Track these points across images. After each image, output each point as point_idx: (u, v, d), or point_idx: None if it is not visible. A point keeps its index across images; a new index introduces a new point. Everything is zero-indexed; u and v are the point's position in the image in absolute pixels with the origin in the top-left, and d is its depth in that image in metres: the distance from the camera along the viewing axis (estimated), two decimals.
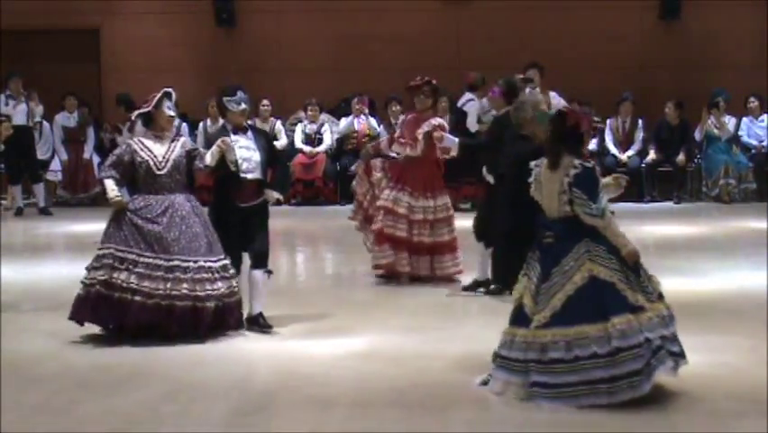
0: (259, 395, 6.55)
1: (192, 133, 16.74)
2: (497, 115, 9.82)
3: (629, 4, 17.51)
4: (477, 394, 6.43)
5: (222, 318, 7.73)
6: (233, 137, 8.04)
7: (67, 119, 16.70)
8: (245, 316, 7.96)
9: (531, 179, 6.61)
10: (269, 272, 8.23)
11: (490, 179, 9.36)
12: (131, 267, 7.62)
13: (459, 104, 15.35)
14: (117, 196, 7.81)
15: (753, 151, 16.58)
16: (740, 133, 16.60)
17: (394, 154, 10.28)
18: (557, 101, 14.71)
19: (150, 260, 7.64)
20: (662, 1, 17.54)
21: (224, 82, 16.96)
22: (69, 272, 10.76)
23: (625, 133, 16.62)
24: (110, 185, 7.84)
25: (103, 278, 7.63)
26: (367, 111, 16.41)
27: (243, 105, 8.13)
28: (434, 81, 10.06)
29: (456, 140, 9.74)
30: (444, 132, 9.75)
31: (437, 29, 17.66)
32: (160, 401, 6.33)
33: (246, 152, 8.05)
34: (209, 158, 7.96)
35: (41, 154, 16.08)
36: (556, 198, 6.38)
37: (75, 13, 17.73)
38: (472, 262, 9.67)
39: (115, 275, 7.61)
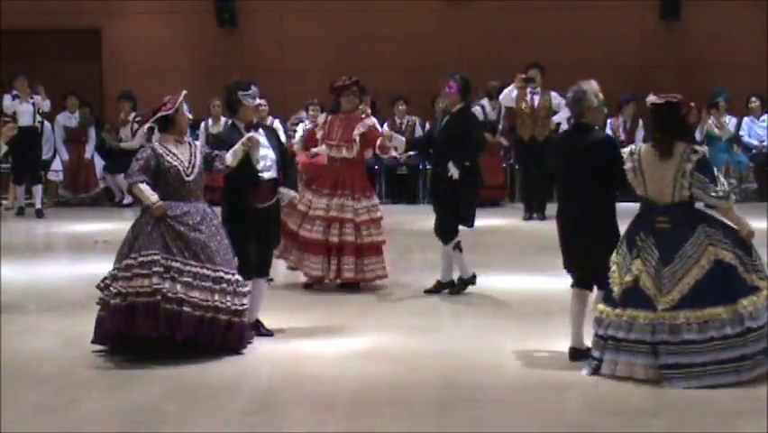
0: (259, 395, 6.55)
1: (193, 134, 16.74)
2: (452, 112, 9.47)
3: (630, 5, 17.51)
4: (477, 394, 6.44)
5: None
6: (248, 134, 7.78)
7: (68, 119, 16.69)
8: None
9: (627, 167, 6.83)
10: (270, 280, 8.23)
11: (455, 172, 9.20)
12: (176, 276, 7.16)
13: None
14: (159, 201, 7.29)
15: (753, 151, 16.58)
16: (741, 132, 16.60)
17: (317, 153, 10.04)
18: (557, 101, 14.74)
19: (198, 269, 7.23)
20: (662, 1, 17.52)
21: (225, 82, 17.06)
22: (70, 272, 10.81)
23: (626, 133, 16.62)
24: (147, 190, 7.34)
25: (156, 287, 7.10)
26: (369, 111, 16.39)
27: (258, 101, 8.00)
28: (359, 81, 9.89)
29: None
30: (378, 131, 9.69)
31: (438, 29, 17.65)
32: (160, 401, 6.33)
33: (262, 151, 7.82)
34: (231, 157, 7.60)
35: (43, 154, 16.07)
36: (670, 184, 6.66)
37: (76, 13, 17.73)
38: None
39: (164, 284, 7.12)
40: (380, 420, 6.01)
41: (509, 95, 14.38)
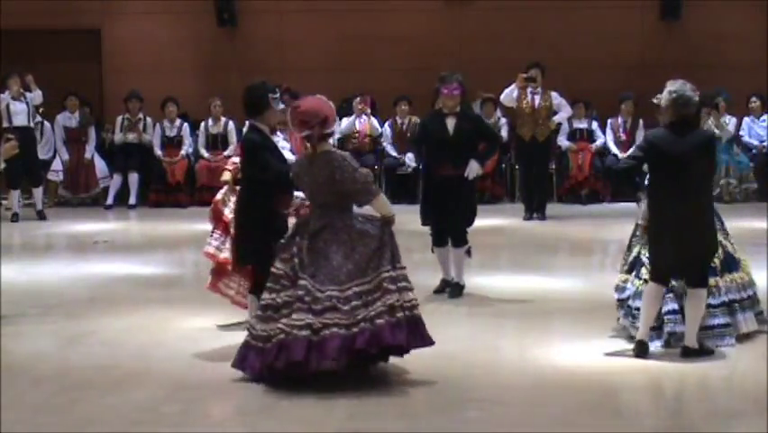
0: (259, 395, 6.55)
1: (193, 133, 16.77)
2: (458, 113, 9.35)
3: (630, 4, 17.51)
4: (477, 394, 6.44)
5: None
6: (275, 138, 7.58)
7: (68, 119, 16.69)
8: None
9: None
10: None
11: (476, 172, 9.31)
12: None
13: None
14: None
15: (754, 151, 16.57)
16: (741, 132, 16.59)
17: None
18: (558, 101, 14.75)
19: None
20: (662, 1, 17.53)
21: (225, 82, 17.16)
22: (70, 272, 10.81)
23: (626, 132, 16.62)
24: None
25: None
26: (369, 111, 16.42)
27: (282, 105, 7.83)
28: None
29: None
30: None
31: (439, 29, 17.65)
32: (160, 401, 6.33)
33: (290, 155, 7.67)
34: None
35: (43, 154, 16.06)
36: None
37: (76, 13, 17.73)
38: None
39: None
40: (380, 420, 6.01)
41: (510, 94, 14.37)
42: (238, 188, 7.74)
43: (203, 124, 16.69)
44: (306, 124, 6.86)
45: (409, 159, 12.89)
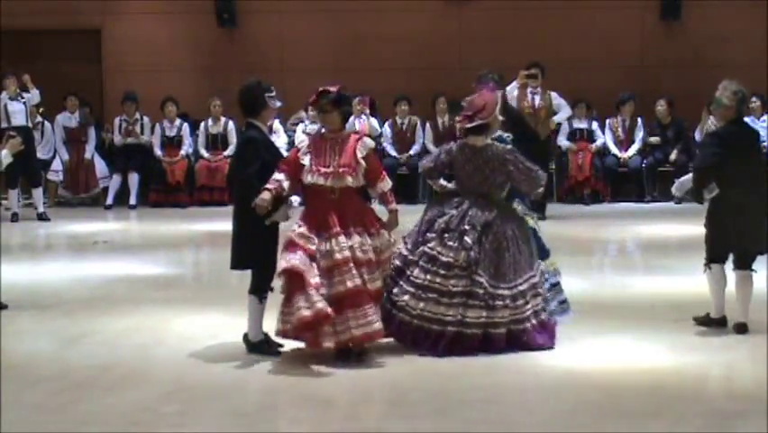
0: (259, 395, 6.55)
1: (193, 133, 16.77)
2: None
3: (630, 4, 17.50)
4: (476, 394, 6.43)
5: None
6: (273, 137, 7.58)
7: (68, 119, 16.70)
8: (244, 334, 7.50)
9: None
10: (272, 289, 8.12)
11: None
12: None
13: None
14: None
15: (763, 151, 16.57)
16: None
17: None
18: (558, 101, 14.74)
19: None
20: (662, 1, 17.52)
21: (225, 82, 17.15)
22: (70, 272, 10.81)
23: (625, 132, 16.62)
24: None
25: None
26: (368, 111, 16.41)
27: (279, 103, 7.79)
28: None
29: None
30: None
31: (438, 29, 17.64)
32: (160, 401, 6.33)
33: (286, 153, 7.63)
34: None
35: (43, 154, 16.06)
36: None
37: (76, 13, 17.72)
38: None
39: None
40: (380, 420, 6.01)
41: (511, 93, 14.35)
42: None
43: (203, 124, 16.70)
44: (467, 117, 7.48)
45: None
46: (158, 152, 16.50)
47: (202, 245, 13.02)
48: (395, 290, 7.29)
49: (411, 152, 16.38)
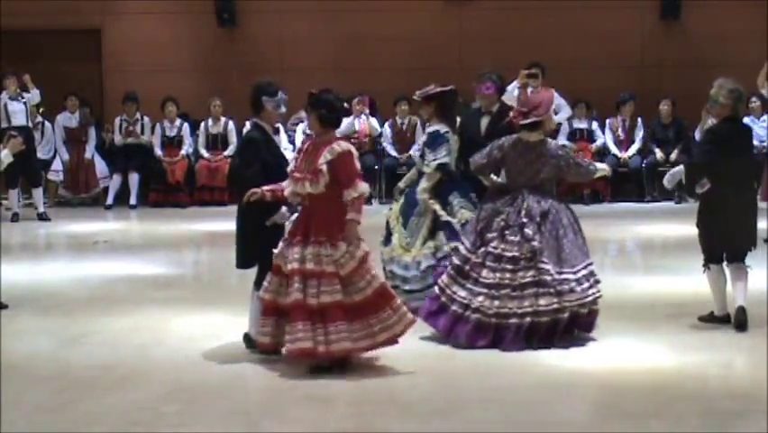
0: (259, 394, 6.55)
1: (193, 133, 16.77)
2: (493, 112, 9.32)
3: (629, 4, 17.51)
4: (477, 394, 6.43)
5: None
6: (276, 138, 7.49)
7: (68, 119, 16.70)
8: (244, 334, 7.48)
9: None
10: None
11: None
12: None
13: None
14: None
15: (754, 151, 16.55)
16: None
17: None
18: (558, 101, 14.72)
19: None
20: (662, 1, 17.52)
21: (225, 82, 17.17)
22: (70, 272, 10.81)
23: (625, 132, 16.62)
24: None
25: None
26: (367, 111, 16.42)
27: (283, 109, 7.72)
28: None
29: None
30: None
31: (439, 29, 17.64)
32: (160, 401, 6.33)
33: (290, 154, 7.60)
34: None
35: (43, 154, 16.06)
36: None
37: (76, 13, 17.72)
38: None
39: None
40: (380, 420, 6.00)
41: (511, 93, 14.31)
42: None
43: (203, 124, 16.70)
44: (522, 113, 7.76)
45: None
46: (158, 152, 16.50)
47: (202, 245, 13.02)
48: (462, 293, 7.54)
49: (411, 152, 16.37)
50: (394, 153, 16.49)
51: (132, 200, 16.28)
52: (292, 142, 16.39)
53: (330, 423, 6.00)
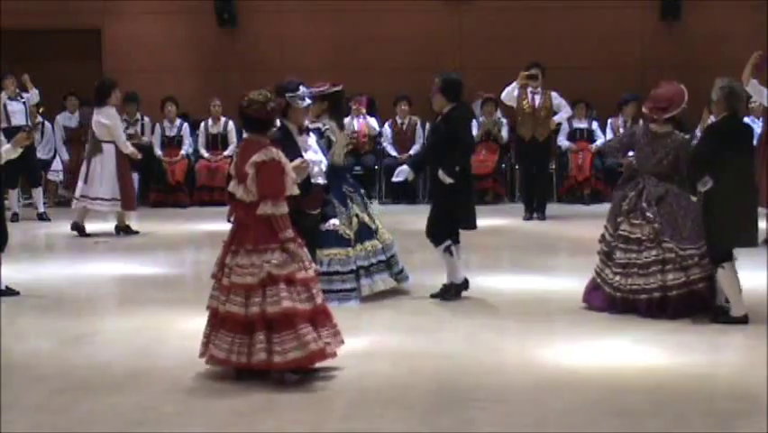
0: (258, 395, 6.55)
1: (193, 133, 16.77)
2: (441, 114, 9.09)
3: (630, 4, 17.51)
4: (476, 394, 6.44)
5: None
6: (301, 138, 7.49)
7: (68, 119, 16.70)
8: None
9: None
10: None
11: (446, 179, 8.91)
12: None
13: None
14: None
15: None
16: None
17: None
18: (558, 101, 14.73)
19: None
20: (662, 1, 17.53)
21: (225, 82, 17.16)
22: (70, 272, 10.81)
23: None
24: None
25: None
26: (365, 111, 16.41)
27: (308, 101, 7.70)
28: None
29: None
30: None
31: (438, 29, 17.65)
32: (160, 401, 6.34)
33: (314, 156, 7.56)
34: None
35: (43, 154, 16.06)
36: None
37: (76, 13, 17.73)
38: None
39: None
40: (380, 420, 6.01)
41: (511, 93, 14.35)
42: None
43: (203, 124, 16.70)
44: (662, 109, 8.57)
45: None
46: (158, 152, 16.50)
47: (202, 245, 13.00)
48: (606, 271, 8.47)
49: (411, 152, 16.37)
50: (394, 153, 16.48)
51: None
52: None
53: (330, 423, 6.00)
